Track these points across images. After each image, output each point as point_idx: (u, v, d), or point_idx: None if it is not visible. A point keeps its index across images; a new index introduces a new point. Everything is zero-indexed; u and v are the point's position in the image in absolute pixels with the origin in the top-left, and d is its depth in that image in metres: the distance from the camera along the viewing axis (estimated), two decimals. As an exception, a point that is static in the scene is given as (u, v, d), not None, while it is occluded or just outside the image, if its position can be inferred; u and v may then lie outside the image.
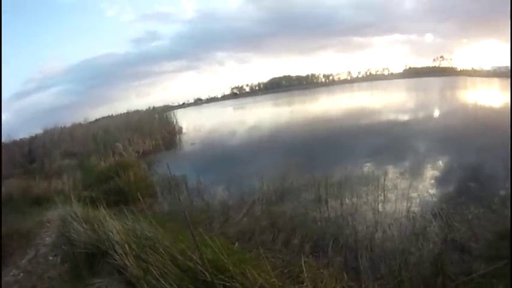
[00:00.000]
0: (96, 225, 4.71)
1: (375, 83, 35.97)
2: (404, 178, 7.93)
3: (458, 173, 7.97)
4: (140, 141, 16.68)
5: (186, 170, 10.68)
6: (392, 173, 8.37)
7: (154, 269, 3.34)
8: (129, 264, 3.71)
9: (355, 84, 36.83)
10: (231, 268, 3.23)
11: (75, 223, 5.08)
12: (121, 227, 4.37)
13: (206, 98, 40.07)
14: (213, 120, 28.02)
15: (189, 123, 25.23)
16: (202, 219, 6.37)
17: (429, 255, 4.69)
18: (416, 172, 8.39)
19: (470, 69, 30.39)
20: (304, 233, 5.48)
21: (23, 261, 4.84)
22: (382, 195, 6.84)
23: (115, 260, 3.93)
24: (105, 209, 5.15)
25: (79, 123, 21.23)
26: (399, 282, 4.02)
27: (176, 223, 5.74)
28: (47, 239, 5.37)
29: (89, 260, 4.51)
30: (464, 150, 9.71)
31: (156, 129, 19.36)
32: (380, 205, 6.50)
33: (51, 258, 4.94)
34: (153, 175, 10.70)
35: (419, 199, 6.65)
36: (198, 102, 39.27)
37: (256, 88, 42.20)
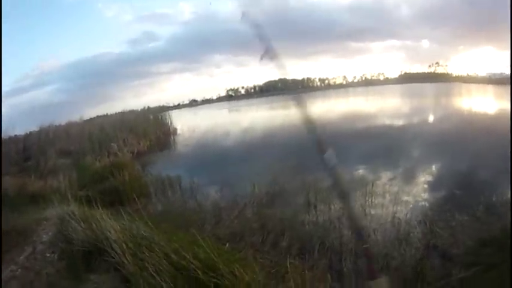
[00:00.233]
0: (93, 224, 4.84)
1: (370, 88, 36.15)
2: (394, 184, 8.12)
3: (446, 179, 8.15)
4: (135, 141, 16.74)
5: (180, 171, 10.82)
6: (383, 178, 8.57)
7: (150, 267, 3.53)
8: (125, 262, 3.87)
9: (351, 88, 36.98)
10: (221, 267, 3.45)
11: (72, 221, 5.20)
12: (118, 227, 4.54)
13: (201, 99, 40.12)
14: (208, 122, 28.07)
15: (184, 124, 25.28)
16: (194, 220, 6.49)
17: (411, 260, 4.85)
18: (406, 178, 8.59)
19: (465, 75, 30.59)
20: (292, 235, 5.65)
21: (21, 258, 4.89)
22: (370, 201, 7.02)
23: (112, 257, 4.09)
24: (101, 208, 5.24)
25: (74, 122, 21.15)
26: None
27: (170, 223, 5.94)
28: (44, 236, 5.42)
29: (86, 257, 4.63)
30: (455, 157, 9.91)
31: (151, 130, 19.36)
32: (367, 210, 6.68)
33: (48, 255, 5.01)
34: (147, 176, 10.74)
35: (406, 205, 6.83)
36: (193, 103, 39.31)
37: (252, 91, 42.29)
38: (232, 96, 41.51)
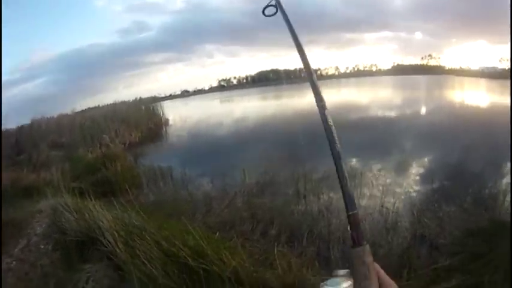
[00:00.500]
0: (86, 215, 4.93)
1: (362, 79, 35.91)
2: (384, 175, 8.21)
3: (436, 171, 8.24)
4: (127, 132, 16.65)
5: (172, 161, 10.85)
6: (373, 169, 8.64)
7: (141, 254, 3.64)
8: (118, 251, 3.98)
9: (343, 79, 36.79)
10: (210, 254, 3.57)
11: (66, 213, 5.29)
12: (110, 216, 4.62)
13: (193, 90, 39.77)
14: (200, 112, 27.90)
15: (176, 115, 25.15)
16: (185, 210, 6.57)
17: (398, 248, 5.00)
18: (396, 169, 8.70)
19: (458, 68, 30.48)
20: (281, 224, 5.76)
21: (16, 250, 5.01)
22: (359, 191, 7.04)
23: (105, 246, 4.19)
24: (93, 199, 5.32)
25: (66, 114, 21.00)
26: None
27: (161, 213, 6.04)
28: (38, 228, 5.53)
29: (79, 247, 4.74)
30: (446, 149, 9.97)
31: (143, 121, 19.24)
32: (356, 200, 6.78)
33: (42, 246, 5.13)
34: (139, 167, 10.76)
35: (394, 195, 6.90)
36: (185, 94, 38.89)
37: (244, 81, 41.94)
38: (225, 86, 41.03)
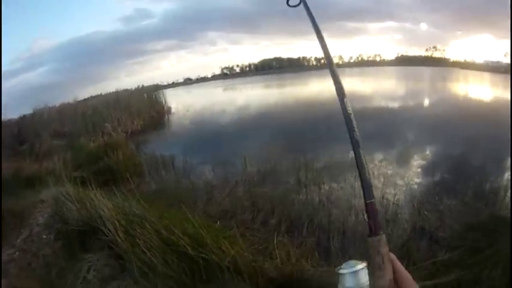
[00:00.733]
0: (88, 204, 4.94)
1: (366, 68, 35.56)
2: (385, 166, 8.23)
3: (437, 164, 8.17)
4: (129, 121, 16.62)
5: (174, 150, 10.83)
6: (375, 159, 8.62)
7: (141, 243, 3.67)
8: (118, 240, 4.01)
9: (347, 69, 36.39)
10: (209, 242, 3.59)
11: (68, 202, 5.30)
12: (111, 205, 4.64)
13: (196, 78, 39.55)
14: (202, 100, 27.82)
15: (178, 103, 25.05)
16: (187, 198, 6.58)
17: (397, 240, 5.00)
18: (398, 161, 8.69)
19: (462, 61, 30.09)
20: (282, 213, 5.78)
21: (18, 241, 5.02)
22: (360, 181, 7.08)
23: (106, 236, 4.22)
24: (95, 188, 5.31)
25: (68, 103, 20.91)
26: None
27: (163, 201, 6.06)
28: (40, 218, 5.53)
29: (81, 237, 4.75)
30: (448, 142, 9.96)
31: (145, 109, 19.18)
32: (357, 191, 6.61)
33: (44, 236, 5.14)
34: (141, 155, 10.79)
35: (395, 187, 6.90)
36: (187, 82, 38.68)
37: (247, 69, 41.64)
38: (227, 74, 40.76)
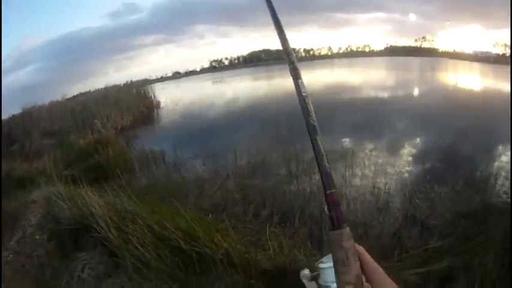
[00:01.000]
0: (79, 202, 4.94)
1: (355, 59, 35.47)
2: (375, 155, 8.26)
3: (427, 153, 8.25)
4: (118, 117, 16.45)
5: (164, 144, 10.80)
6: (365, 149, 8.67)
7: (134, 239, 3.69)
8: (111, 237, 4.02)
9: (336, 60, 36.27)
10: (201, 236, 3.63)
11: (59, 201, 5.28)
12: (103, 202, 4.64)
13: (185, 71, 39.19)
14: (192, 94, 27.63)
15: (168, 97, 24.87)
16: (178, 193, 6.57)
17: (389, 229, 5.07)
18: (388, 150, 8.72)
19: (451, 51, 30.09)
20: (273, 205, 5.80)
21: (11, 243, 5.00)
22: (351, 171, 7.14)
23: (98, 233, 4.22)
24: (86, 185, 5.31)
25: (57, 101, 20.65)
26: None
27: (154, 196, 6.06)
28: (33, 219, 5.50)
29: (73, 235, 4.75)
30: (438, 131, 9.98)
31: (134, 104, 19.02)
32: (348, 180, 6.82)
33: (37, 237, 5.12)
34: (131, 151, 10.70)
35: (386, 176, 6.97)
36: (176, 76, 38.35)
37: (236, 62, 41.35)
38: (216, 67, 40.42)
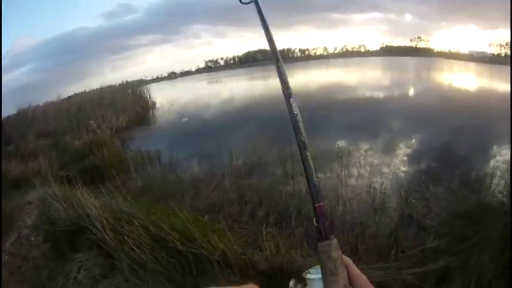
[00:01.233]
0: (75, 203, 4.91)
1: (351, 59, 35.46)
2: (371, 155, 8.29)
3: (423, 152, 8.27)
4: (113, 117, 16.36)
5: (160, 145, 10.79)
6: (361, 149, 8.67)
7: (130, 241, 3.67)
8: (107, 238, 4.01)
9: (331, 60, 36.22)
10: (198, 237, 3.62)
11: (54, 202, 5.26)
12: (98, 204, 4.61)
13: (180, 71, 39.05)
14: (187, 94, 27.54)
15: (163, 97, 24.77)
16: (173, 193, 6.56)
17: (385, 229, 5.09)
18: (384, 150, 8.73)
19: (447, 51, 30.12)
20: (269, 205, 5.81)
21: (7, 244, 4.97)
22: (347, 171, 7.12)
23: (94, 234, 4.21)
24: (82, 187, 5.26)
25: (52, 101, 20.54)
26: (355, 253, 4.36)
27: (150, 197, 6.05)
28: (28, 220, 5.48)
29: (69, 237, 4.73)
30: (433, 131, 10.03)
31: (130, 105, 18.93)
32: (344, 180, 6.78)
33: (33, 238, 5.09)
34: (126, 152, 10.65)
35: (382, 176, 7.00)
36: (172, 76, 38.23)
37: (231, 62, 41.24)
38: (212, 67, 40.31)
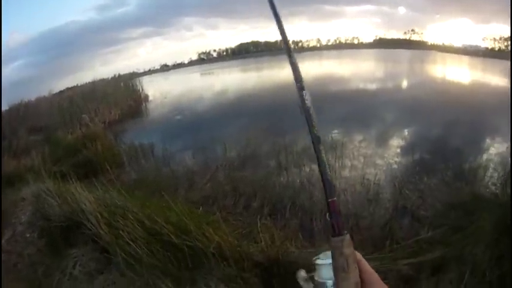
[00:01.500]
0: (69, 198, 4.89)
1: (344, 51, 35.42)
2: (365, 147, 8.35)
3: (417, 144, 8.23)
4: (106, 111, 16.25)
5: (153, 137, 10.77)
6: (355, 141, 8.71)
7: (125, 235, 3.68)
8: (102, 232, 4.00)
9: (325, 52, 36.13)
10: (193, 230, 3.63)
11: (48, 198, 5.24)
12: (92, 198, 4.60)
13: (173, 64, 38.74)
14: (180, 86, 27.39)
15: (156, 90, 24.62)
16: (167, 186, 6.54)
17: (380, 220, 5.13)
18: (377, 141, 8.81)
19: (441, 44, 30.11)
20: (264, 197, 5.83)
21: (2, 242, 4.94)
22: (340, 162, 7.15)
23: (89, 229, 4.20)
24: (75, 181, 5.23)
25: (44, 96, 20.34)
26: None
27: (144, 190, 6.04)
28: (23, 217, 5.46)
29: (64, 232, 4.71)
30: (427, 123, 10.10)
31: (122, 98, 18.78)
32: (338, 172, 6.78)
33: (28, 235, 5.08)
34: (120, 145, 10.62)
35: (376, 167, 7.05)
36: (164, 68, 37.96)
37: (224, 54, 40.99)
38: (204, 59, 40.06)
